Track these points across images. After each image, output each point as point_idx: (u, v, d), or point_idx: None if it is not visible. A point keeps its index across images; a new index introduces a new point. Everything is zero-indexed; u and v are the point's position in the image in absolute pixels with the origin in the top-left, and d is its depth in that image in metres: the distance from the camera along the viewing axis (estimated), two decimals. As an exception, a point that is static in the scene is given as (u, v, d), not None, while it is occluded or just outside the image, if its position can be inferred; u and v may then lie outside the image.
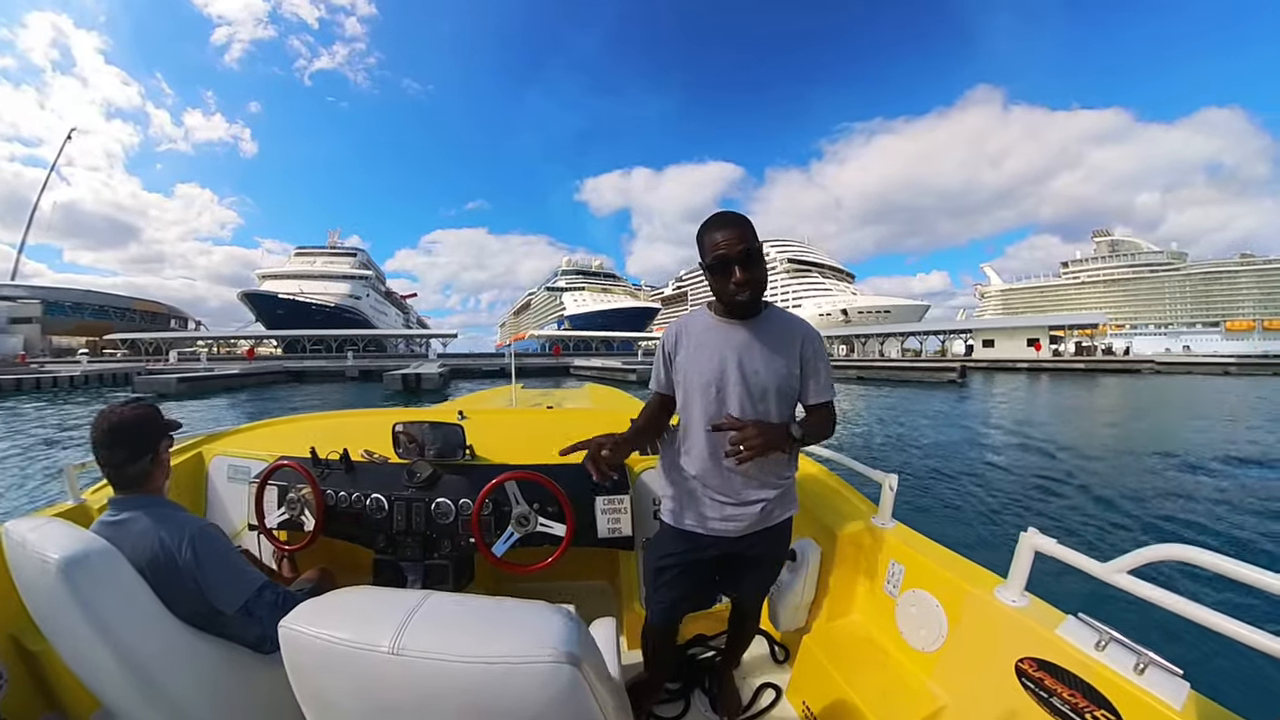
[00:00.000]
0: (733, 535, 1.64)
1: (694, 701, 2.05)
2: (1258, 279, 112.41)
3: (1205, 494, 8.16)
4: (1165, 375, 40.63)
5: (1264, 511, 7.26)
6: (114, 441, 1.44)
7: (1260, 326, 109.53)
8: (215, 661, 1.38)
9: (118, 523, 1.41)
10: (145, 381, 26.55)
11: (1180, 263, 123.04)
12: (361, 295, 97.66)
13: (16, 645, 1.72)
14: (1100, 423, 17.09)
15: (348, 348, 64.36)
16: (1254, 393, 25.51)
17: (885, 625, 1.87)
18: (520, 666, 0.75)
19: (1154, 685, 1.12)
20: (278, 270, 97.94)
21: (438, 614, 0.83)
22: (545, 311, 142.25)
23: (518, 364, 46.99)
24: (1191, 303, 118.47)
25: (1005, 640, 1.42)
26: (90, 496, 2.26)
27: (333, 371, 39.39)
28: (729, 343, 1.56)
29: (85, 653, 1.24)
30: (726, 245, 1.45)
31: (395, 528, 2.20)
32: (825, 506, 2.21)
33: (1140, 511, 7.27)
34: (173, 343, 64.61)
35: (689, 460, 1.65)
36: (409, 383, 29.70)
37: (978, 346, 59.13)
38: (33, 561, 1.21)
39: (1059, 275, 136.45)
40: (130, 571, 1.27)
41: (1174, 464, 10.29)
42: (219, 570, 1.42)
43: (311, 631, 0.83)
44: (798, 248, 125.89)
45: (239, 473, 2.62)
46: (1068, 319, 61.44)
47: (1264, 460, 10.56)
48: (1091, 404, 22.62)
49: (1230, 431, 14.23)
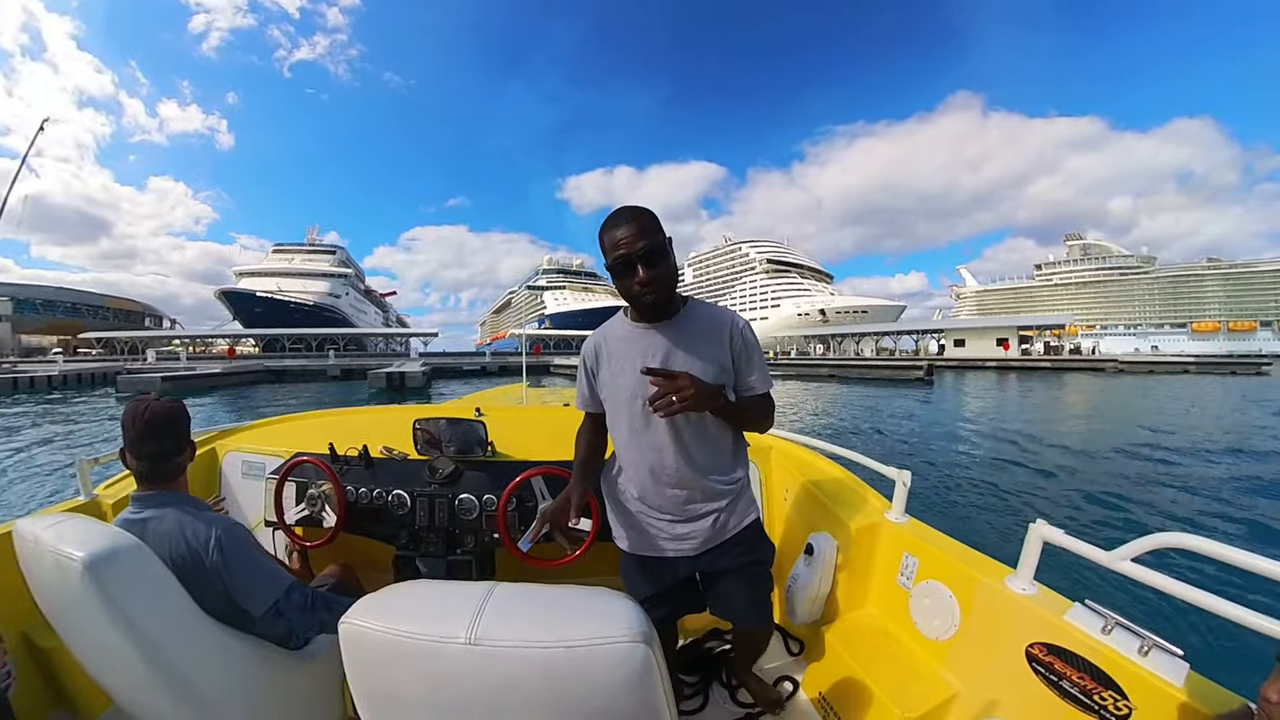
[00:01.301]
0: (690, 554, 1.56)
1: (712, 695, 2.06)
2: (1223, 282, 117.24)
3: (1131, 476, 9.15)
4: (1128, 374, 42.15)
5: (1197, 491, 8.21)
6: (159, 432, 1.41)
7: (1225, 328, 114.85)
8: (245, 658, 1.38)
9: (143, 519, 1.38)
10: (128, 381, 26.38)
11: (1149, 266, 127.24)
12: (341, 293, 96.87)
13: (27, 642, 1.73)
14: (1045, 415, 18.22)
15: (328, 346, 64.14)
16: (1208, 391, 26.87)
17: (900, 616, 1.90)
18: (599, 648, 0.77)
19: (1157, 666, 1.19)
20: (255, 268, 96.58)
21: (508, 604, 0.85)
22: (526, 310, 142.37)
23: (499, 362, 46.84)
24: (1160, 304, 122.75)
25: (1016, 627, 1.47)
26: (102, 492, 2.27)
27: (314, 370, 39.60)
28: (649, 349, 1.47)
29: (105, 650, 1.23)
30: (626, 244, 1.34)
31: (418, 524, 2.20)
32: (841, 502, 2.22)
33: (1065, 489, 8.22)
34: (149, 342, 63.91)
35: (626, 481, 1.59)
36: (393, 381, 30.30)
37: (949, 346, 60.73)
38: (50, 559, 1.18)
39: (1032, 277, 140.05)
40: (159, 566, 1.25)
41: (1109, 451, 11.39)
42: (247, 571, 1.39)
43: (380, 626, 0.84)
44: (777, 248, 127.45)
45: (253, 469, 2.63)
46: (1036, 320, 63.39)
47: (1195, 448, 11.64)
48: (1044, 399, 23.79)
49: (1172, 423, 15.39)
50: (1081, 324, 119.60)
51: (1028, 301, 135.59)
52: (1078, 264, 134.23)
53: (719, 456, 1.54)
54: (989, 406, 21.06)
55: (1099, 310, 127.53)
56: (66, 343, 66.67)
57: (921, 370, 34.78)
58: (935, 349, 62.20)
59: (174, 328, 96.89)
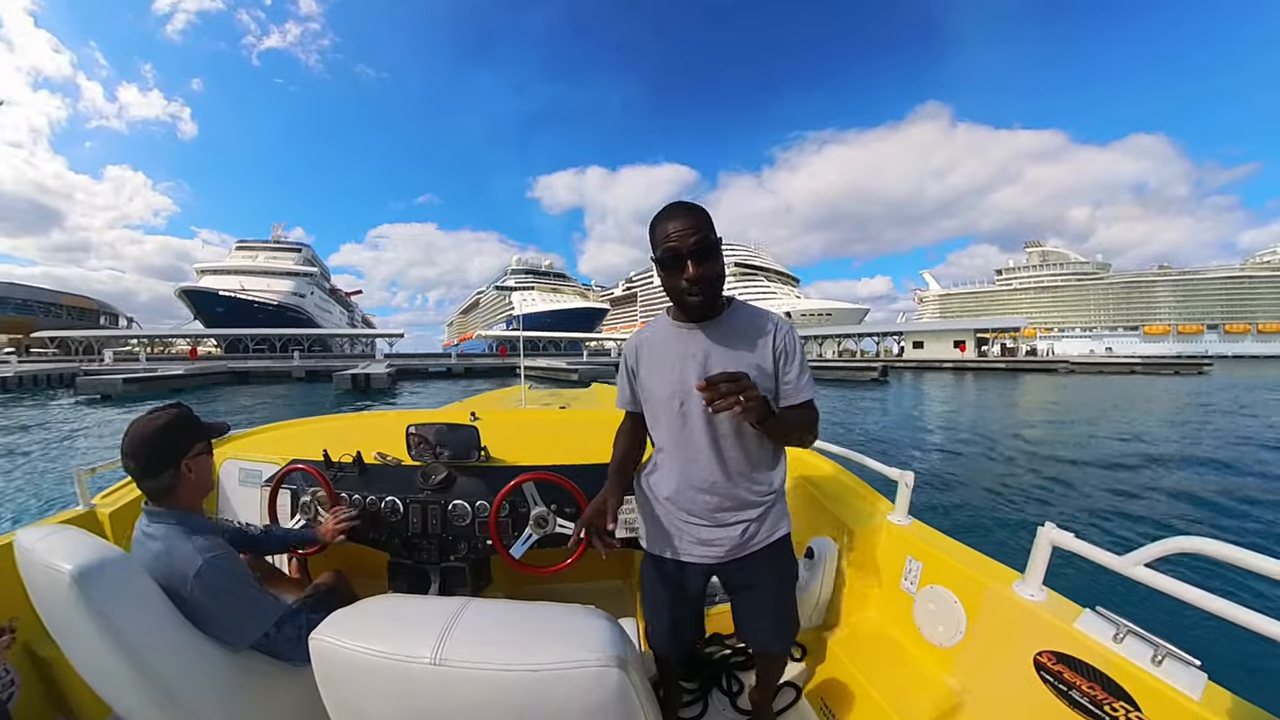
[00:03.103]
0: (711, 562, 1.52)
1: (712, 701, 2.01)
2: (1173, 288, 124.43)
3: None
4: (1079, 374, 43.60)
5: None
6: (134, 453, 1.39)
7: (1175, 330, 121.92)
8: (235, 671, 1.35)
9: (142, 535, 1.40)
10: (88, 383, 25.39)
11: (1104, 272, 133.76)
12: (306, 293, 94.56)
13: (29, 651, 1.74)
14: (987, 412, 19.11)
15: (293, 348, 62.76)
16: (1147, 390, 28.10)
17: (903, 622, 1.86)
18: (567, 672, 0.75)
19: (1171, 676, 1.13)
20: (218, 265, 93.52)
21: (478, 622, 0.83)
22: (494, 311, 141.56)
23: (465, 364, 46.33)
24: (1114, 308, 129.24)
25: (1024, 634, 1.42)
26: (100, 501, 2.26)
27: (279, 372, 38.87)
28: (690, 349, 1.44)
29: (98, 662, 1.22)
30: (678, 237, 1.31)
31: (411, 530, 2.18)
32: (842, 504, 2.19)
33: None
34: (106, 341, 61.94)
35: (658, 481, 1.55)
36: (358, 383, 30.15)
37: (908, 348, 62.35)
38: (41, 571, 1.19)
39: (993, 282, 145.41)
40: (147, 580, 1.26)
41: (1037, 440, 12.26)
42: (229, 607, 1.36)
43: (347, 644, 0.83)
44: (745, 252, 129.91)
45: (250, 476, 2.60)
46: (992, 323, 65.42)
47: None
48: (995, 399, 24.66)
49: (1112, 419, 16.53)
50: (1039, 327, 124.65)
51: (988, 305, 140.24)
52: (1037, 269, 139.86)
53: (756, 465, 1.49)
54: (937, 405, 22.06)
55: (1057, 314, 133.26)
56: (17, 342, 64.28)
57: (876, 371, 35.86)
58: (896, 350, 63.79)
59: (131, 327, 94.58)
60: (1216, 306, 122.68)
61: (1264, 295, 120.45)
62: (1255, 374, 43.18)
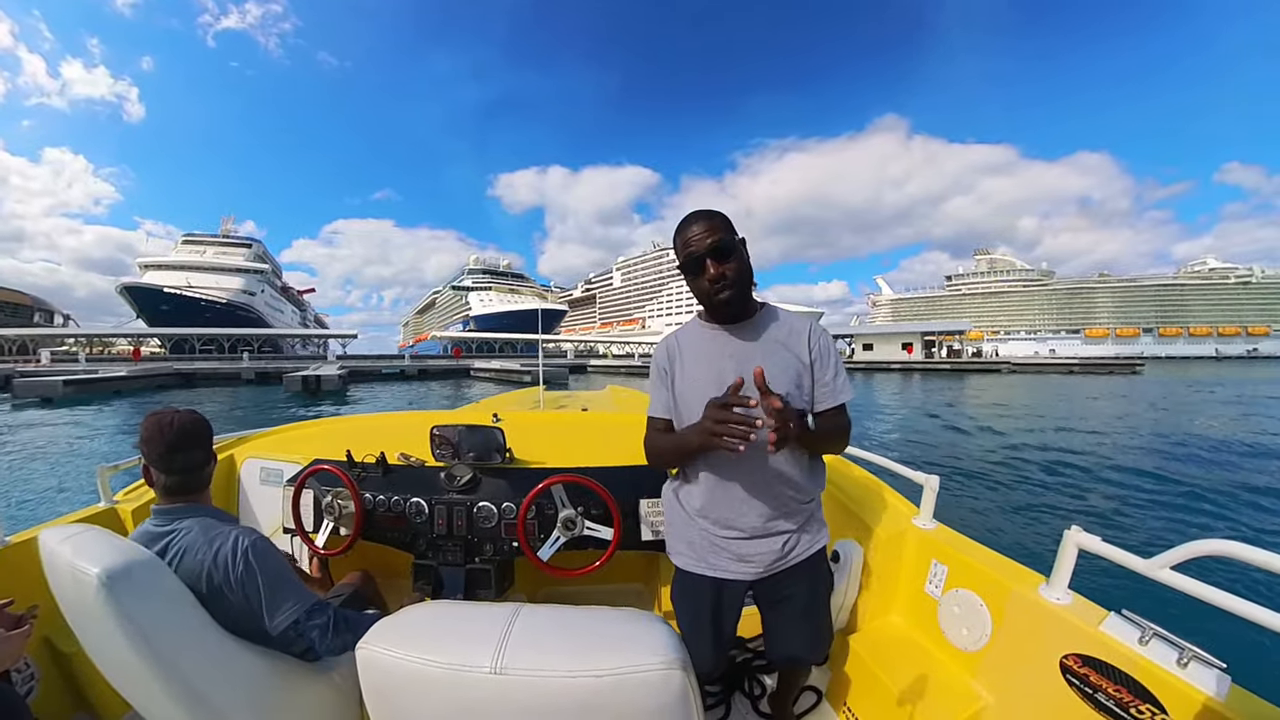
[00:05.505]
0: (749, 579, 1.47)
1: (735, 705, 2.01)
2: (1113, 294, 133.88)
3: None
4: (1021, 374, 45.65)
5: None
6: (192, 444, 1.40)
7: (1114, 333, 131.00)
8: (262, 672, 1.35)
9: (167, 531, 1.36)
10: (25, 385, 23.77)
11: (1049, 279, 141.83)
12: (256, 291, 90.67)
13: (49, 646, 1.74)
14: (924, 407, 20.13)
15: (242, 348, 60.80)
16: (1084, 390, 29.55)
17: (928, 626, 1.84)
18: (631, 676, 0.74)
19: (1197, 679, 1.13)
20: (163, 260, 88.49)
21: (534, 628, 0.83)
22: (450, 311, 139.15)
23: (419, 365, 45.80)
24: (1057, 313, 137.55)
25: (1050, 638, 1.42)
26: (122, 498, 2.26)
27: (227, 374, 37.57)
28: (724, 352, 1.42)
29: (121, 662, 1.21)
30: (696, 241, 1.34)
31: (436, 532, 2.15)
32: (866, 508, 2.17)
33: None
34: (42, 340, 58.71)
35: (690, 492, 1.50)
36: (309, 385, 29.52)
37: (858, 350, 64.24)
38: (67, 572, 1.18)
39: (944, 287, 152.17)
40: (174, 581, 1.25)
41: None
42: (272, 585, 1.36)
43: (398, 653, 0.82)
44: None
45: (271, 475, 2.60)
46: (939, 326, 68.06)
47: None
48: (939, 397, 25.40)
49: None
50: (986, 330, 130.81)
51: (938, 309, 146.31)
52: (985, 276, 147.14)
53: (796, 471, 1.43)
54: (881, 401, 23.17)
55: (1003, 318, 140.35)
56: (-60, 341, 60.78)
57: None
58: (847, 353, 65.57)
59: (67, 324, 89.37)
60: (1152, 311, 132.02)
61: (1195, 301, 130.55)
62: (1183, 374, 45.58)
